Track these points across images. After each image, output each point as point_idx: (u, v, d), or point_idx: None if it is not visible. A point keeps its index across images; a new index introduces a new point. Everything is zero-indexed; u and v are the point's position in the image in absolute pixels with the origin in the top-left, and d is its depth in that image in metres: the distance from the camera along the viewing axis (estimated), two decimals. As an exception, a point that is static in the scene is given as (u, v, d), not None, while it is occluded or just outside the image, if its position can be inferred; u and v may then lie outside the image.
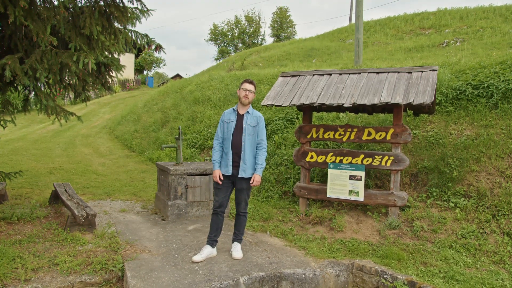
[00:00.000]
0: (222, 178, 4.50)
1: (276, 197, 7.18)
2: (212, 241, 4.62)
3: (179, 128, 6.62)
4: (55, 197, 6.67)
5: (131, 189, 8.31)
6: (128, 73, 35.69)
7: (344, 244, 5.26)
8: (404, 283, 4.08)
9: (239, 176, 4.47)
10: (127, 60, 35.97)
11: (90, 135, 17.27)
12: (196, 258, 4.46)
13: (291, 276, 4.27)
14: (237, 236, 4.70)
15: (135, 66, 38.20)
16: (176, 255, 4.66)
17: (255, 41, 48.20)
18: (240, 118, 4.50)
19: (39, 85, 4.72)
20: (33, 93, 5.16)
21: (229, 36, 49.20)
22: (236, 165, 4.47)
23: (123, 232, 5.48)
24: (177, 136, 6.55)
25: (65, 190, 6.44)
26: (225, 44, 50.04)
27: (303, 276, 4.33)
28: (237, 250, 4.60)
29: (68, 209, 5.51)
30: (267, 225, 5.95)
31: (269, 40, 50.48)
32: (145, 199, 7.51)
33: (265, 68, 17.44)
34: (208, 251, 4.56)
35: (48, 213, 6.13)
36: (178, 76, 39.49)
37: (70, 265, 4.29)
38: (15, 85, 6.26)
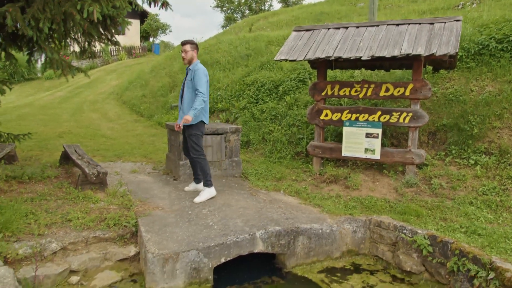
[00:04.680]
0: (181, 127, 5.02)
1: (289, 157, 7.04)
2: (195, 179, 5.45)
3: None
4: (65, 158, 6.59)
5: (141, 152, 8.21)
6: (134, 40, 34.98)
7: (360, 201, 5.13)
8: (424, 237, 3.96)
9: (179, 123, 4.93)
10: (133, 26, 35.04)
11: (98, 101, 17.11)
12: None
13: (308, 231, 4.17)
14: (197, 176, 5.34)
15: (140, 33, 37.40)
16: (190, 212, 4.59)
17: (263, 7, 46.75)
18: (186, 75, 5.12)
19: (43, 37, 4.47)
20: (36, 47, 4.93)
21: (236, 3, 47.76)
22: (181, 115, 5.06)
23: (135, 191, 5.41)
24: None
25: (75, 151, 6.35)
26: (232, 10, 48.65)
27: (320, 231, 4.23)
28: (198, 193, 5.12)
29: (79, 168, 5.42)
30: (281, 185, 5.83)
31: (276, 6, 49.01)
32: (155, 160, 7.42)
33: (274, 31, 16.88)
34: (193, 186, 5.45)
35: (59, 173, 6.05)
36: (184, 44, 38.65)
37: (83, 221, 4.24)
38: (18, 44, 6.05)
